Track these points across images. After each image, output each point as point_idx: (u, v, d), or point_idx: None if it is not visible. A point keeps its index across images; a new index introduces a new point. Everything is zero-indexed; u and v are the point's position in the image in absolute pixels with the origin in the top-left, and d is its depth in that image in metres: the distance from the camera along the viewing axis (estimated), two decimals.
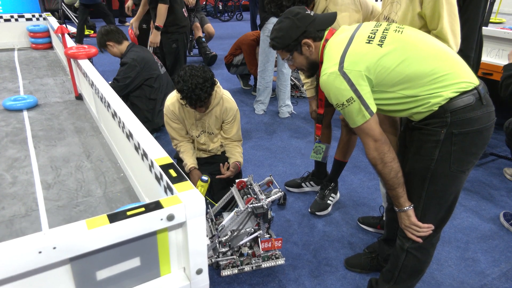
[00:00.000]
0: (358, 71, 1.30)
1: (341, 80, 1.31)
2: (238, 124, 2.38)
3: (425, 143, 1.37)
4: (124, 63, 2.83)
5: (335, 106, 1.39)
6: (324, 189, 2.53)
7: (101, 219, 0.92)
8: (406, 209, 1.45)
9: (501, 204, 2.61)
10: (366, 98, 1.32)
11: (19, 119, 2.38)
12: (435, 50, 1.34)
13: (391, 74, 1.31)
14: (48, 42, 4.16)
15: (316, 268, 2.03)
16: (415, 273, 1.62)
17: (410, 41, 1.34)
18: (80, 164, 1.89)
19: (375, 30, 1.38)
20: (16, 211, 1.53)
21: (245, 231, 1.91)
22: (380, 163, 1.39)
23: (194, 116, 2.24)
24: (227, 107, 2.25)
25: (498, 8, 4.79)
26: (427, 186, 1.41)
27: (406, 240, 1.54)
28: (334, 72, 1.32)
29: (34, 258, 0.84)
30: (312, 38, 1.49)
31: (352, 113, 1.35)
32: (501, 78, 2.38)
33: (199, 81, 1.97)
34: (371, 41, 1.35)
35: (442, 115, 1.30)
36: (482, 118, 1.32)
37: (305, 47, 1.51)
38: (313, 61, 1.55)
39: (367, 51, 1.33)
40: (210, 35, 5.78)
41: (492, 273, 2.02)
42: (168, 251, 1.08)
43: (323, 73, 1.38)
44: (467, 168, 1.39)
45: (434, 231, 1.50)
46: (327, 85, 1.36)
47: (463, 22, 2.18)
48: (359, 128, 1.38)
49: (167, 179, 1.14)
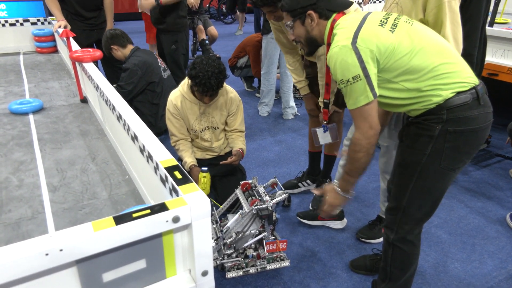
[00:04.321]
0: (370, 49, 1.28)
1: (352, 55, 1.28)
2: (241, 114, 2.41)
3: (420, 137, 1.38)
4: (126, 69, 2.84)
5: (339, 83, 1.35)
6: (320, 186, 2.55)
7: (107, 221, 0.92)
8: (350, 196, 1.52)
9: (507, 205, 2.59)
10: (373, 78, 1.30)
11: (25, 122, 2.40)
12: (440, 47, 1.35)
13: (397, 62, 1.30)
14: (53, 46, 4.19)
15: (321, 270, 2.03)
16: (405, 266, 1.64)
17: (419, 34, 1.34)
18: (86, 166, 1.90)
19: (387, 17, 1.37)
20: (23, 213, 1.54)
21: (250, 233, 1.91)
22: (364, 152, 1.39)
23: (198, 109, 2.24)
24: (231, 97, 2.29)
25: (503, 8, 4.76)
26: (415, 180, 1.43)
27: (390, 232, 1.58)
28: (347, 45, 1.29)
29: (41, 261, 0.84)
30: (319, 14, 1.45)
31: (355, 92, 1.32)
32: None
33: (215, 71, 2.03)
34: (384, 25, 1.34)
35: (439, 112, 1.32)
36: (479, 118, 1.32)
37: (308, 19, 1.47)
38: (312, 37, 1.51)
39: (380, 33, 1.31)
40: (213, 38, 5.80)
41: (499, 275, 2.00)
42: (174, 253, 1.08)
43: (334, 45, 1.34)
44: (457, 167, 1.40)
45: (416, 224, 1.53)
46: (337, 58, 1.31)
47: (465, 20, 2.18)
48: (358, 110, 1.35)
49: (172, 181, 1.14)
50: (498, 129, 3.52)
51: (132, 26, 8.35)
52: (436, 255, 2.14)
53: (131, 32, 5.15)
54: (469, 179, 2.89)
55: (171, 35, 3.59)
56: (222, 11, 10.74)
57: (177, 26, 3.57)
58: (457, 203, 2.61)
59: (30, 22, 4.18)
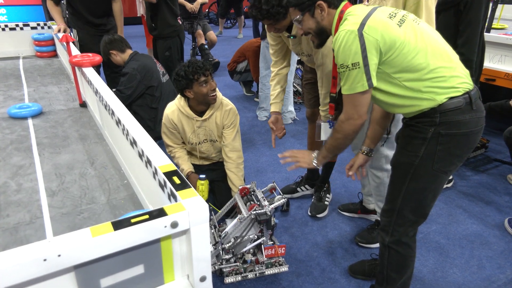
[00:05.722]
0: (375, 39, 1.29)
1: (356, 41, 1.29)
2: (236, 131, 2.28)
3: (413, 139, 1.41)
4: (125, 74, 2.85)
5: (339, 67, 1.37)
6: (319, 191, 2.57)
7: (105, 226, 0.92)
8: (315, 163, 1.68)
9: (505, 210, 2.59)
10: (372, 69, 1.32)
11: (24, 126, 2.40)
12: (442, 50, 1.36)
13: (399, 57, 1.32)
14: (52, 50, 4.20)
15: (320, 275, 2.02)
16: (401, 269, 1.65)
17: (424, 34, 1.35)
18: (84, 171, 1.90)
19: (395, 13, 1.39)
20: (21, 218, 1.54)
21: (249, 237, 1.91)
22: (344, 137, 1.48)
23: (193, 124, 2.24)
24: (226, 110, 2.24)
25: (500, 14, 4.80)
26: (408, 181, 1.45)
27: (385, 234, 1.59)
28: (353, 31, 1.30)
29: (39, 266, 0.84)
30: (328, 3, 1.46)
31: (352, 79, 1.34)
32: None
33: (195, 60, 2.10)
34: (392, 18, 1.35)
35: (432, 115, 1.34)
36: (471, 122, 1.35)
37: (318, 10, 1.47)
38: (322, 27, 1.51)
39: (388, 24, 1.32)
40: (212, 42, 5.82)
41: (498, 280, 2.00)
42: (172, 258, 1.08)
43: (342, 28, 1.35)
44: (449, 170, 1.42)
45: (410, 226, 1.54)
46: (341, 41, 1.32)
47: (464, 26, 2.21)
48: (351, 96, 1.38)
49: (171, 186, 1.15)
50: (496, 134, 3.54)
51: (131, 30, 8.35)
52: (435, 260, 2.14)
53: (130, 36, 5.18)
54: (467, 184, 2.90)
55: (164, 41, 3.63)
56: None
57: (169, 31, 3.60)
58: (455, 208, 2.61)
59: (30, 27, 4.19)
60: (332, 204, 2.63)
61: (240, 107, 4.42)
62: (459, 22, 2.22)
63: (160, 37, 3.63)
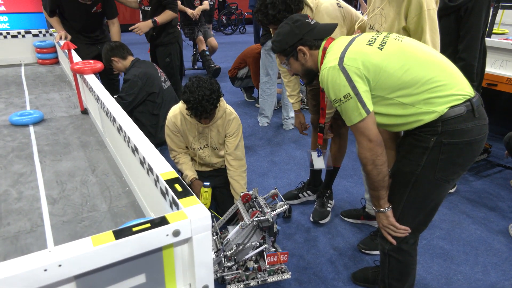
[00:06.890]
0: (356, 67, 1.33)
1: (340, 75, 1.34)
2: (239, 140, 2.27)
3: (415, 148, 1.39)
4: (127, 80, 2.86)
5: (333, 102, 1.40)
6: (322, 197, 2.55)
7: (106, 235, 0.91)
8: (385, 210, 1.48)
9: (509, 215, 2.57)
10: (364, 96, 1.34)
11: (25, 134, 2.40)
12: (433, 60, 1.36)
13: (389, 78, 1.32)
14: (54, 58, 4.22)
15: (323, 282, 2.00)
16: (402, 276, 1.63)
17: (410, 49, 1.36)
18: (85, 178, 1.89)
19: (376, 37, 1.42)
20: (22, 226, 1.53)
21: (251, 245, 1.89)
22: (371, 164, 1.41)
23: (196, 129, 2.23)
24: (229, 119, 2.24)
25: (501, 18, 4.80)
26: (409, 190, 1.44)
27: (385, 243, 1.58)
28: (334, 66, 1.35)
29: (40, 276, 0.83)
30: (308, 46, 1.53)
31: (349, 110, 1.36)
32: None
33: (206, 92, 1.98)
34: (372, 43, 1.38)
35: (434, 124, 1.33)
36: (473, 130, 1.33)
37: (300, 54, 1.55)
38: (308, 68, 1.59)
39: (367, 51, 1.36)
40: (213, 49, 5.84)
41: (503, 286, 1.98)
42: (174, 267, 1.07)
43: (323, 67, 1.41)
44: (451, 178, 1.40)
45: (411, 233, 1.52)
46: (327, 79, 1.38)
47: (465, 32, 2.21)
48: (355, 126, 1.39)
49: (173, 194, 1.14)
50: (498, 139, 3.52)
51: (133, 37, 8.36)
52: (439, 267, 2.12)
53: (132, 43, 5.20)
54: (470, 189, 2.88)
55: (164, 47, 3.65)
56: (222, 22, 10.84)
57: (169, 38, 3.63)
58: (459, 213, 2.60)
59: (32, 34, 4.21)
60: (334, 210, 2.62)
61: (241, 113, 4.42)
62: (460, 27, 2.22)
63: (160, 44, 3.66)
